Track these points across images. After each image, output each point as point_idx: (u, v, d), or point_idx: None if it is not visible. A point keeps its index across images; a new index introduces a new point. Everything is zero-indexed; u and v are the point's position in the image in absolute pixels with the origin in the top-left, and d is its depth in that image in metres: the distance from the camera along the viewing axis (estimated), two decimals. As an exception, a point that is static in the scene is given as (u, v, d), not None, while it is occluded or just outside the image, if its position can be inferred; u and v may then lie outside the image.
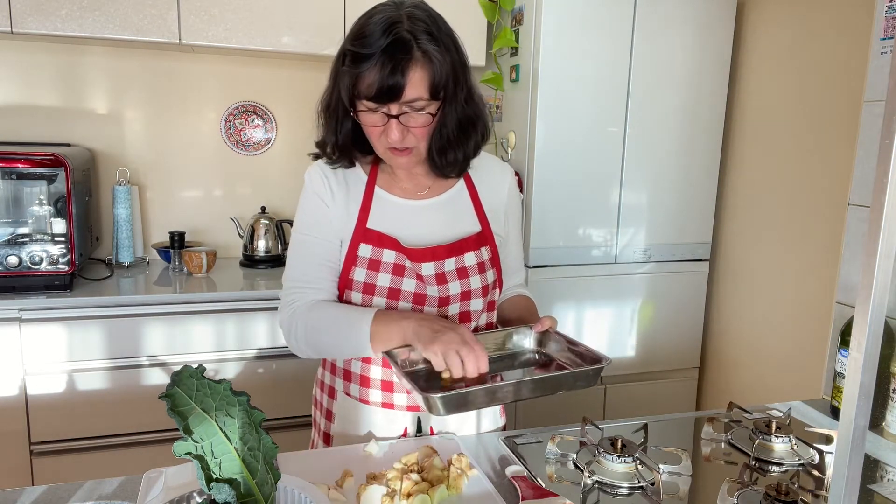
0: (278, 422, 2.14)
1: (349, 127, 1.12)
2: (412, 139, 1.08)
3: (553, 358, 1.18)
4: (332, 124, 1.13)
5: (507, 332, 1.20)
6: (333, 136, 1.14)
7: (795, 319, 2.20)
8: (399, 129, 1.06)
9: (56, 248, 1.99)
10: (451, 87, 1.08)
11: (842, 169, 2.00)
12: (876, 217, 0.59)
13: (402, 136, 1.07)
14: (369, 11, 1.07)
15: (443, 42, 1.05)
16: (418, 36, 1.02)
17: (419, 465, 1.02)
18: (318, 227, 1.18)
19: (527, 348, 1.20)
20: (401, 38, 1.01)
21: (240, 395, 0.78)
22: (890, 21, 1.42)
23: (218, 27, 2.17)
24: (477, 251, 1.20)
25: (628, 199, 2.32)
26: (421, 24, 1.04)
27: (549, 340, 1.19)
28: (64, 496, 0.96)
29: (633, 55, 2.23)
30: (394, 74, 1.01)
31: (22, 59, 2.31)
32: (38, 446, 1.98)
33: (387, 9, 1.05)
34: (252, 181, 2.63)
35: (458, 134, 1.13)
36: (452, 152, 1.14)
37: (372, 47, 1.01)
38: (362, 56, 1.02)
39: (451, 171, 1.18)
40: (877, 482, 1.11)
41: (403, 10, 1.05)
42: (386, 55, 1.01)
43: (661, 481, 1.03)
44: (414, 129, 1.07)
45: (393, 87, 1.02)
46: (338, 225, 1.17)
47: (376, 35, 1.01)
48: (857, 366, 0.61)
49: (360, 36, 1.03)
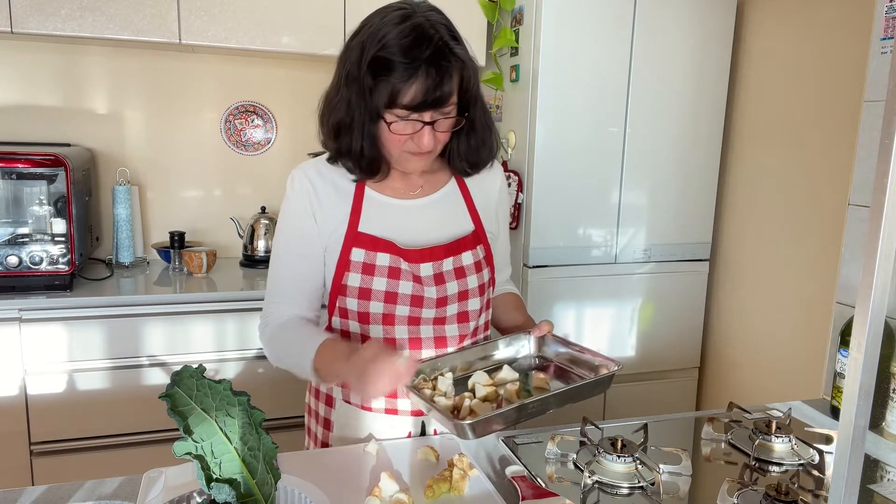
0: (278, 422, 2.14)
1: (374, 135, 1.08)
2: (437, 143, 1.08)
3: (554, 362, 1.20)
4: (356, 136, 1.07)
5: (507, 340, 1.23)
6: (359, 148, 1.08)
7: (795, 319, 2.20)
8: (431, 135, 1.05)
9: (56, 248, 1.99)
10: (475, 89, 1.09)
11: (842, 169, 2.00)
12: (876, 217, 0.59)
13: (434, 141, 1.06)
14: (384, 15, 1.03)
15: (463, 44, 1.05)
16: (447, 41, 1.01)
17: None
18: (300, 240, 1.15)
19: (528, 354, 1.23)
20: (438, 45, 1.00)
21: (240, 395, 0.78)
22: (890, 21, 1.42)
23: (218, 27, 2.17)
24: (473, 250, 1.19)
25: (628, 199, 2.32)
26: (443, 27, 1.03)
27: (549, 344, 1.22)
28: (64, 496, 0.96)
29: (633, 55, 2.23)
30: (440, 84, 1.00)
31: (22, 59, 2.31)
32: (38, 446, 1.98)
33: (405, 12, 1.02)
34: (252, 181, 2.63)
35: (488, 133, 1.16)
36: (486, 150, 1.17)
37: (412, 57, 0.98)
38: (401, 66, 0.99)
39: (477, 171, 1.21)
40: (877, 482, 1.11)
41: (422, 13, 1.03)
42: (430, 65, 0.99)
43: (661, 481, 1.03)
44: (441, 133, 1.07)
45: (440, 97, 1.01)
46: (325, 232, 1.14)
47: (412, 43, 0.99)
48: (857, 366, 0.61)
49: (390, 44, 0.99)
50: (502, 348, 1.22)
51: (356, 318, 1.14)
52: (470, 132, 1.14)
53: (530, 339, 1.23)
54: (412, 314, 1.14)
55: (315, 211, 1.14)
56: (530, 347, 1.24)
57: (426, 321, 1.16)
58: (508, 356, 1.22)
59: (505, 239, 1.34)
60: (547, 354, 1.22)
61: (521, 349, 1.23)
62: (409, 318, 1.14)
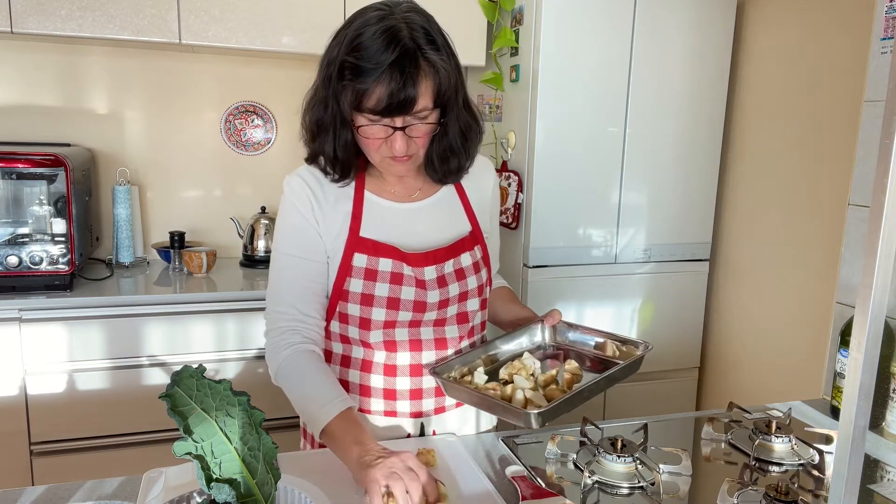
0: (278, 422, 2.14)
1: (348, 139, 1.07)
2: (414, 148, 1.06)
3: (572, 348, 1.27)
4: (329, 139, 1.07)
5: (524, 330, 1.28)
6: (332, 151, 1.08)
7: (795, 319, 2.20)
8: (404, 140, 1.03)
9: (56, 248, 1.99)
10: (453, 94, 1.06)
11: (842, 169, 2.00)
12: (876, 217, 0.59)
13: (407, 146, 1.04)
14: (362, 17, 1.01)
15: (443, 48, 1.02)
16: (421, 45, 0.99)
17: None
18: (301, 245, 1.13)
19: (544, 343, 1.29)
20: (407, 49, 0.97)
21: (240, 395, 0.78)
22: (890, 21, 1.42)
23: (218, 27, 2.16)
24: (471, 251, 1.19)
25: (628, 199, 2.32)
26: (420, 30, 1.00)
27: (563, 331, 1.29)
28: (64, 496, 0.96)
29: (633, 55, 2.23)
30: (404, 88, 0.97)
31: (22, 59, 2.31)
32: (38, 446, 1.98)
33: (382, 14, 1.00)
34: (252, 181, 2.63)
35: (461, 140, 1.12)
36: (455, 159, 1.13)
37: (377, 60, 0.96)
38: (367, 70, 0.97)
39: (452, 179, 1.17)
40: (877, 482, 1.11)
41: (400, 14, 1.00)
42: (395, 69, 0.96)
43: (661, 481, 1.03)
44: (416, 138, 1.05)
45: (404, 101, 0.98)
46: (326, 237, 1.12)
47: (380, 46, 0.96)
48: (857, 366, 0.61)
49: (360, 47, 0.98)
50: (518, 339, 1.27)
51: (357, 323, 1.14)
52: (442, 138, 1.10)
53: (543, 328, 1.28)
54: (414, 318, 1.14)
55: (316, 215, 1.12)
56: (544, 336, 1.29)
57: (426, 323, 1.16)
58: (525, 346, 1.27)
59: (496, 235, 1.33)
60: (560, 342, 1.28)
61: (534, 338, 1.28)
62: (410, 322, 1.14)
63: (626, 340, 1.24)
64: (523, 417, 0.97)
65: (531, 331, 1.28)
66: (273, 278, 1.16)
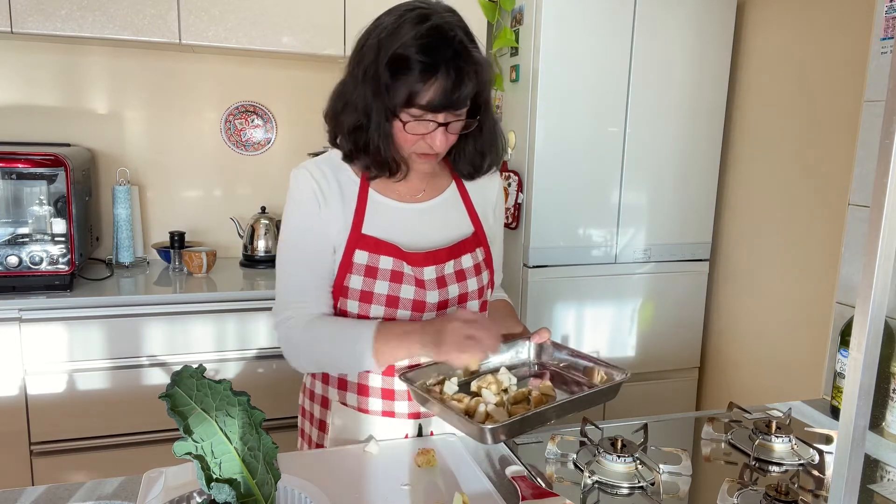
0: (278, 422, 2.14)
1: (388, 133, 1.06)
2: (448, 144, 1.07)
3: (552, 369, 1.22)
4: (372, 135, 1.05)
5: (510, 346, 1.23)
6: (377, 147, 1.06)
7: (795, 319, 2.20)
8: (444, 136, 1.04)
9: (56, 248, 1.99)
10: (488, 93, 1.09)
11: (842, 169, 2.00)
12: (876, 217, 0.59)
13: (446, 143, 1.06)
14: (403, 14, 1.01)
15: (479, 47, 1.05)
16: (466, 44, 1.01)
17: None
18: (310, 236, 1.13)
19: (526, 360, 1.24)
20: (458, 47, 0.99)
21: (240, 395, 0.78)
22: (890, 21, 1.42)
23: (218, 27, 2.17)
24: (473, 253, 1.19)
25: (628, 199, 2.32)
26: (460, 29, 1.02)
27: (548, 351, 1.24)
28: (64, 496, 0.96)
29: (633, 55, 2.23)
30: (461, 85, 0.99)
31: (22, 59, 2.31)
32: (38, 446, 1.98)
33: (425, 12, 1.01)
34: (252, 181, 2.63)
35: (493, 137, 1.15)
36: (490, 156, 1.17)
37: (434, 57, 0.98)
38: (424, 65, 0.98)
39: (480, 175, 1.21)
40: (877, 482, 1.11)
41: (440, 13, 1.02)
42: (450, 66, 0.98)
43: (661, 481, 1.03)
44: (452, 135, 1.07)
45: (457, 98, 1.00)
46: (331, 231, 1.12)
47: (433, 44, 0.98)
48: (857, 366, 0.61)
49: (412, 44, 0.98)
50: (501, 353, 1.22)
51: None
52: (478, 136, 1.14)
53: (530, 345, 1.24)
54: (413, 318, 1.14)
55: (322, 210, 1.12)
56: (529, 354, 1.25)
57: None
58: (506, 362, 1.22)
59: (500, 242, 1.33)
60: (545, 361, 1.24)
61: (520, 354, 1.24)
62: (409, 321, 1.14)
63: (607, 364, 1.19)
64: (478, 432, 0.96)
65: (517, 347, 1.24)
66: (285, 276, 1.16)
